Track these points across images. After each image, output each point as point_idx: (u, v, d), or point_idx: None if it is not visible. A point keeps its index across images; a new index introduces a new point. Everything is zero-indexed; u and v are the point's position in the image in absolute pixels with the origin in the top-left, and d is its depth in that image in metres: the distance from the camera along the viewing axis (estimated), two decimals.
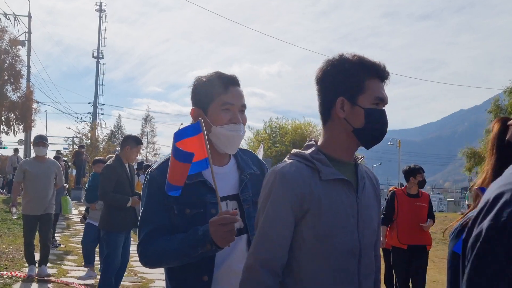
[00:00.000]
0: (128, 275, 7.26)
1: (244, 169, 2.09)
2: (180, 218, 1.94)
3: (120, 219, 5.56)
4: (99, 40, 43.69)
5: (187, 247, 1.85)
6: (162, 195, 1.92)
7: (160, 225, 1.94)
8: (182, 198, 1.91)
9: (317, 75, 1.74)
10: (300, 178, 1.63)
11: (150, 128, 45.25)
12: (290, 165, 1.67)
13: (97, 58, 43.61)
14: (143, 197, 2.02)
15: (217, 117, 1.96)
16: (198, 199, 1.95)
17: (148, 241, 1.94)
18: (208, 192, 1.95)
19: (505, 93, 29.12)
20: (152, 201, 1.97)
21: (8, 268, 7.24)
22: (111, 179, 5.54)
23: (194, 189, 1.94)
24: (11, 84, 21.94)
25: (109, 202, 5.58)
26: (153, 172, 2.00)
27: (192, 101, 2.06)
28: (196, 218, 1.93)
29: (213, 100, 1.97)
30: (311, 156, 1.69)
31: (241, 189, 2.04)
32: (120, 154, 5.72)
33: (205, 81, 2.01)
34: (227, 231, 1.78)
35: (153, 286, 7.02)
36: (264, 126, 45.07)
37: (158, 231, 1.93)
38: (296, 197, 1.60)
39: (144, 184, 2.02)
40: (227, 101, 1.96)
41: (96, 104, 42.83)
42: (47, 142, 7.16)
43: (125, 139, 5.81)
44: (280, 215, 1.61)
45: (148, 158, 41.23)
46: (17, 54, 22.37)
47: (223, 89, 1.97)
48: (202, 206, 1.95)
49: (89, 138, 35.68)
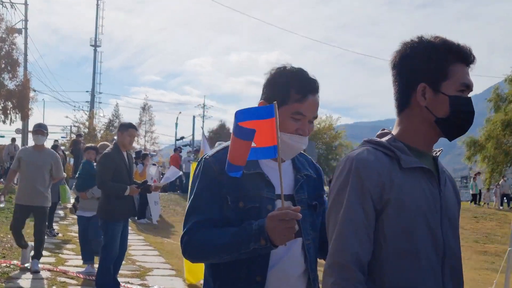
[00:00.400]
0: (127, 264, 7.26)
1: (300, 170, 1.97)
2: (233, 211, 1.81)
3: (118, 208, 5.53)
4: (96, 28, 43.40)
5: (239, 241, 1.72)
6: (217, 184, 1.82)
7: (210, 216, 1.81)
8: (238, 189, 1.80)
9: (393, 58, 1.60)
10: (380, 165, 1.49)
11: (148, 117, 45.14)
12: (367, 152, 1.53)
13: (95, 46, 43.34)
14: (194, 184, 1.89)
15: (284, 123, 1.79)
16: (254, 193, 1.82)
17: (195, 232, 1.80)
18: (266, 186, 1.83)
19: (506, 81, 29.08)
20: (205, 189, 1.83)
21: (6, 257, 7.24)
22: (108, 167, 5.51)
23: (250, 181, 1.81)
24: (8, 72, 21.82)
25: (107, 191, 5.54)
26: (208, 159, 1.88)
27: (263, 92, 1.90)
28: (250, 212, 1.80)
29: (286, 104, 1.80)
30: (389, 143, 1.56)
31: (296, 190, 1.91)
32: (118, 142, 5.72)
33: (284, 80, 1.82)
34: (287, 228, 1.64)
35: (151, 275, 7.03)
36: None
37: (208, 222, 1.80)
38: (376, 187, 1.47)
39: (196, 171, 1.90)
40: (300, 111, 1.80)
41: (94, 93, 42.65)
42: (46, 130, 6.82)
43: (118, 126, 5.97)
44: (362, 205, 1.47)
45: (146, 147, 41.18)
46: (14, 42, 22.23)
47: (300, 96, 1.80)
48: (258, 201, 1.81)
49: (87, 126, 35.65)
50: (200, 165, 1.89)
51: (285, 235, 1.65)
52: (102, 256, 5.56)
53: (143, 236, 10.66)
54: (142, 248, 9.17)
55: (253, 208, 1.80)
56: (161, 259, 8.27)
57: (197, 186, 1.86)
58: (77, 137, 21.18)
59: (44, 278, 6.33)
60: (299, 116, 1.81)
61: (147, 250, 9.08)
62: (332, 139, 42.60)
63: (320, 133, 41.98)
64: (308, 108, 1.81)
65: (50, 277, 6.41)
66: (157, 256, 8.53)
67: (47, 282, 6.13)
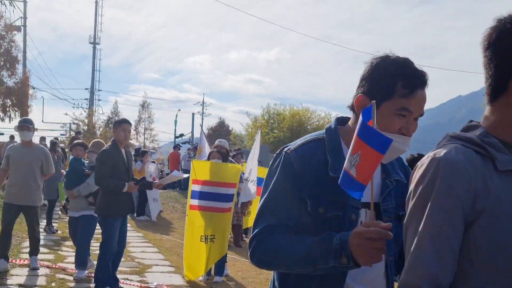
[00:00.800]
0: (125, 261, 7.27)
1: (390, 173, 1.74)
2: (311, 217, 1.60)
3: (117, 204, 5.55)
4: (95, 26, 43.34)
5: (316, 254, 1.51)
6: (297, 184, 1.61)
7: (286, 220, 1.61)
8: (319, 194, 1.60)
9: (488, 37, 1.34)
10: (472, 168, 1.25)
11: (147, 114, 45.16)
12: (456, 151, 1.28)
13: (94, 44, 43.28)
14: (269, 180, 1.68)
15: (387, 121, 1.58)
16: (338, 199, 1.59)
17: (267, 236, 1.60)
18: None
19: None
20: (282, 189, 1.63)
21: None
22: (106, 164, 5.52)
23: (334, 184, 1.54)
24: (7, 69, 21.84)
25: (105, 187, 5.56)
26: (289, 153, 1.65)
27: (361, 84, 1.66)
28: (331, 221, 1.60)
29: (390, 99, 1.58)
30: (480, 139, 1.30)
31: (384, 197, 1.69)
32: (114, 139, 5.76)
33: (389, 72, 1.59)
34: (375, 249, 1.40)
35: (150, 272, 7.04)
36: (262, 113, 45.07)
37: (282, 227, 1.60)
38: (468, 194, 1.23)
39: (273, 166, 1.68)
40: (407, 107, 1.58)
41: (93, 90, 42.61)
42: (32, 125, 6.49)
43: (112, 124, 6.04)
44: (449, 217, 1.23)
45: (145, 144, 41.16)
46: (12, 40, 22.28)
47: (408, 91, 1.57)
48: (341, 208, 1.60)
49: (86, 124, 35.64)
50: (279, 159, 1.67)
51: (372, 256, 1.42)
52: (101, 252, 5.57)
53: (142, 233, 10.67)
54: (141, 245, 9.18)
55: (334, 217, 1.60)
56: (160, 256, 8.28)
57: (274, 184, 1.65)
58: (76, 134, 21.15)
59: (43, 275, 6.33)
60: (405, 113, 1.58)
61: (146, 247, 9.09)
62: None
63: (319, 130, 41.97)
64: (416, 104, 1.59)
65: (49, 274, 6.42)
66: (156, 253, 8.54)
67: (46, 279, 6.13)
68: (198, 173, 6.70)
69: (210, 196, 6.64)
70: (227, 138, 33.32)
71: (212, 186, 6.65)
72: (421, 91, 1.59)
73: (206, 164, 6.90)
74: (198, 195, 6.64)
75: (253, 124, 44.46)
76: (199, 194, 6.63)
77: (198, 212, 6.63)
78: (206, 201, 6.64)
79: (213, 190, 6.65)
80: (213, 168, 6.75)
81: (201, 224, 6.60)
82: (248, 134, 45.36)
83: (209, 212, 6.62)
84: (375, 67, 1.63)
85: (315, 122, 42.85)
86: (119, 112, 43.90)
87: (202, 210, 6.63)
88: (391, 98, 1.58)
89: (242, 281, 7.05)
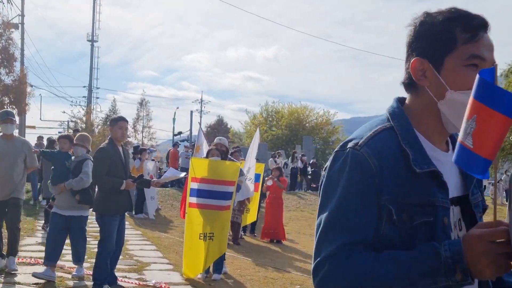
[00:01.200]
0: (124, 259, 7.27)
1: None
2: (396, 227, 1.27)
3: (115, 202, 5.55)
4: (93, 23, 43.25)
5: (416, 275, 1.18)
6: (376, 187, 1.27)
7: (364, 235, 1.26)
8: (404, 197, 1.27)
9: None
10: None
11: (145, 112, 45.14)
12: None
13: (92, 41, 43.20)
14: (331, 186, 1.32)
15: (458, 76, 1.29)
16: (425, 200, 1.28)
17: (343, 259, 1.23)
18: (439, 190, 1.30)
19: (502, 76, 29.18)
20: (356, 195, 1.27)
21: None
22: (104, 161, 5.53)
23: (420, 182, 1.28)
24: (4, 67, 21.79)
25: (103, 185, 5.56)
26: (359, 149, 1.30)
27: (412, 49, 1.37)
28: (418, 230, 1.27)
29: (453, 50, 1.30)
30: None
31: (472, 190, 1.41)
32: (112, 137, 5.77)
33: (443, 20, 1.33)
34: (503, 255, 1.11)
35: (148, 270, 7.03)
36: (261, 110, 45.10)
37: (361, 245, 1.25)
38: None
39: (335, 167, 1.32)
40: (476, 53, 1.29)
41: (91, 88, 42.56)
42: (14, 118, 6.31)
43: (109, 122, 5.97)
44: None
45: (144, 142, 41.14)
46: (10, 37, 22.20)
47: (471, 34, 1.29)
48: (431, 212, 1.28)
49: (84, 122, 35.62)
50: (346, 157, 1.31)
51: (501, 265, 1.12)
52: (99, 250, 5.57)
53: (141, 231, 10.66)
54: (140, 243, 9.18)
55: (424, 224, 1.27)
56: (158, 254, 8.28)
57: (343, 190, 1.28)
58: (74, 132, 21.13)
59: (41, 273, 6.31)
60: (476, 61, 1.29)
61: (144, 245, 9.09)
62: (329, 134, 42.66)
63: (317, 128, 42.01)
64: (485, 49, 1.30)
65: None
66: (155, 251, 8.54)
67: None
68: (196, 171, 6.70)
69: (209, 194, 6.64)
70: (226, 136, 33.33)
71: (210, 184, 6.65)
72: (485, 34, 1.33)
73: (204, 162, 6.90)
74: (197, 193, 6.64)
75: (252, 121, 44.47)
76: (197, 192, 6.63)
77: (197, 210, 6.63)
78: (205, 199, 6.64)
79: (211, 188, 6.65)
80: (211, 166, 6.74)
81: (200, 222, 6.60)
82: (246, 132, 45.37)
83: (208, 210, 6.62)
84: (422, 24, 1.36)
85: (314, 120, 42.86)
86: (117, 110, 43.89)
87: (200, 208, 6.63)
88: (454, 49, 1.31)
89: (240, 278, 7.05)
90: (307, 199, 19.05)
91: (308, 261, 9.42)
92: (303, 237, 12.53)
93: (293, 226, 14.32)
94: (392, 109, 1.40)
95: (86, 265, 6.89)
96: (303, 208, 17.50)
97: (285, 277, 7.38)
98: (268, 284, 6.82)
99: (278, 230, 11.25)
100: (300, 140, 35.38)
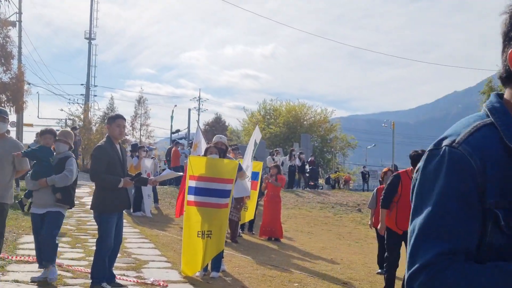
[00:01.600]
0: (122, 257, 7.27)
1: None
2: (505, 235, 1.13)
3: (112, 200, 5.55)
4: (91, 21, 43.16)
5: None
6: (477, 190, 1.13)
7: (466, 244, 1.13)
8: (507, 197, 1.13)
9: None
10: None
11: (143, 110, 45.03)
12: None
13: (89, 39, 43.10)
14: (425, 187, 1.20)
15: None
16: None
17: (441, 269, 1.11)
18: None
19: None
20: (457, 198, 1.14)
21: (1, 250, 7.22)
22: (102, 159, 5.53)
23: None
24: (2, 65, 21.75)
25: (101, 183, 5.57)
26: (457, 146, 1.17)
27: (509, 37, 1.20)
28: None
29: None
30: None
31: None
32: (109, 135, 5.77)
33: None
34: None
35: (147, 267, 7.04)
36: (258, 108, 45.14)
37: (460, 255, 1.12)
38: None
39: (430, 167, 1.20)
40: None
41: (89, 86, 42.50)
42: (7, 116, 5.82)
43: (106, 120, 5.97)
44: None
45: (141, 140, 41.08)
46: (7, 35, 22.17)
47: None
48: None
49: (82, 120, 35.55)
50: (442, 156, 1.18)
51: None
52: (97, 248, 5.57)
53: (139, 229, 10.66)
54: (138, 241, 9.18)
55: None
56: (156, 252, 8.28)
57: (441, 193, 1.15)
58: (72, 130, 21.13)
59: (39, 271, 6.31)
60: None
61: (142, 242, 9.08)
62: (327, 132, 42.73)
63: (315, 126, 42.05)
64: None
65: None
66: (153, 249, 8.54)
67: None
68: (194, 168, 6.69)
69: (206, 191, 6.65)
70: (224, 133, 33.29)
71: (208, 182, 6.65)
72: None
73: (202, 159, 6.90)
74: (194, 191, 6.64)
75: (250, 119, 44.48)
76: (195, 190, 6.64)
77: (195, 208, 6.64)
78: (202, 197, 6.65)
79: (209, 186, 6.65)
80: (209, 163, 6.74)
81: (198, 220, 6.61)
82: (244, 129, 45.37)
83: (206, 207, 6.62)
84: None
85: (311, 118, 42.88)
86: (115, 108, 43.88)
87: (198, 206, 6.63)
88: None
89: (238, 276, 7.06)
90: (305, 197, 19.07)
91: (306, 258, 9.44)
92: (301, 235, 12.55)
93: (291, 224, 14.34)
94: (492, 104, 1.25)
95: (85, 263, 6.90)
96: (301, 206, 17.52)
97: (283, 275, 7.39)
98: (266, 282, 6.83)
99: (276, 228, 11.27)
100: (298, 138, 35.41)
